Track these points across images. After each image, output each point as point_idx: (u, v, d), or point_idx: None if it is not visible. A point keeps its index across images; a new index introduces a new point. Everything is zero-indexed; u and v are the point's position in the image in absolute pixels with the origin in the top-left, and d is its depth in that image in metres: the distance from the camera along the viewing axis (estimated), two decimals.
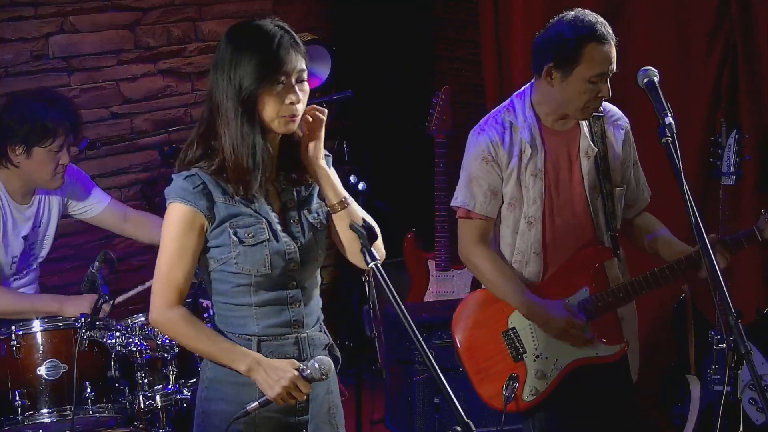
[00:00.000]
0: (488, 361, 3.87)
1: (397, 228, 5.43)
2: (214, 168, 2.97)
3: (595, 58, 3.65)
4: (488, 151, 3.79)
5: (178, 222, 2.98)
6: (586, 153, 3.81)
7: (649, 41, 5.08)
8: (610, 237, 3.87)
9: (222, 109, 2.94)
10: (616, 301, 3.84)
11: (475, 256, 3.85)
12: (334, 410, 3.19)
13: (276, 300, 3.04)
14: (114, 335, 3.97)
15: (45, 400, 3.92)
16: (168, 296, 3.01)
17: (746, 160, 4.56)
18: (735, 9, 4.89)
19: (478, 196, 3.82)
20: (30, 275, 4.41)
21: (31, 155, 4.15)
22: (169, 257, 3.00)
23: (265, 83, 2.91)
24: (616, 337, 3.89)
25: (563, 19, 3.71)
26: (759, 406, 4.51)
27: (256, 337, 3.03)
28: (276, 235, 3.01)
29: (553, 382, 3.85)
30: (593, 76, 3.66)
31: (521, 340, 3.86)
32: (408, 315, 2.82)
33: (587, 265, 3.85)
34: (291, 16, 5.98)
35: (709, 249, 3.11)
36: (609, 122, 3.87)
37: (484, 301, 3.94)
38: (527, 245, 3.83)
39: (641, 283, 3.80)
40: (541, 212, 3.81)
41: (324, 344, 3.15)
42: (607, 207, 3.84)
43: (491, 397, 3.85)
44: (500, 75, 5.72)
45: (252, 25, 2.98)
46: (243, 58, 2.91)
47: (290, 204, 3.07)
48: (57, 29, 5.30)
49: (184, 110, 5.73)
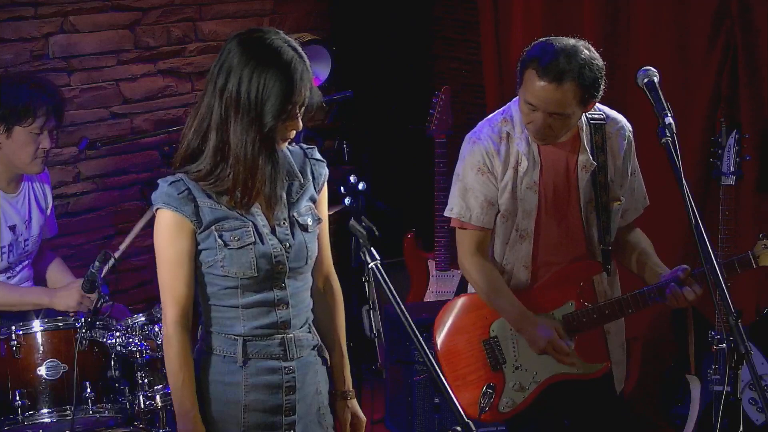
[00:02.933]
0: (467, 368, 3.83)
1: (397, 228, 5.44)
2: (201, 174, 2.97)
3: (527, 85, 3.58)
4: (483, 162, 3.74)
5: (167, 229, 2.99)
6: (584, 167, 3.74)
7: (649, 41, 5.08)
8: (602, 251, 3.81)
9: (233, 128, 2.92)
10: (602, 317, 3.76)
11: (471, 266, 3.80)
12: (324, 411, 3.19)
13: (263, 302, 3.05)
14: (114, 335, 3.97)
15: (45, 400, 3.92)
16: (173, 312, 3.02)
17: (746, 160, 4.56)
18: (735, 9, 4.88)
19: (474, 208, 3.77)
20: (23, 272, 4.40)
21: (11, 135, 4.18)
22: (167, 266, 3.01)
23: (281, 116, 2.92)
24: (599, 356, 3.82)
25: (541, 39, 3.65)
26: (759, 406, 4.51)
27: (242, 338, 3.05)
28: (262, 237, 3.02)
29: (530, 395, 3.80)
30: (526, 101, 3.60)
31: (501, 350, 3.82)
32: (408, 315, 2.82)
33: (575, 278, 3.80)
34: (291, 16, 5.99)
35: (709, 249, 3.10)
36: (611, 132, 3.78)
37: (467, 307, 3.90)
38: (517, 258, 3.79)
39: (628, 302, 3.72)
40: (533, 225, 3.76)
41: (312, 345, 3.15)
42: (602, 221, 3.77)
43: (468, 405, 3.78)
44: (500, 75, 5.72)
45: (272, 48, 2.93)
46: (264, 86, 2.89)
47: (280, 206, 3.06)
48: (57, 29, 5.29)
49: (184, 110, 5.73)
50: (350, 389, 3.24)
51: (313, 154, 3.16)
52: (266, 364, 3.07)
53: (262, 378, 3.07)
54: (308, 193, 3.12)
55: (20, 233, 4.34)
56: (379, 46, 6.23)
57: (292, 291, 3.08)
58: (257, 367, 3.06)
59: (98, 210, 5.51)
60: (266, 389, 3.08)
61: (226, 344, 3.06)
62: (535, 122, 3.62)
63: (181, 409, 3.03)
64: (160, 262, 3.02)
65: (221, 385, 3.07)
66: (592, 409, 3.88)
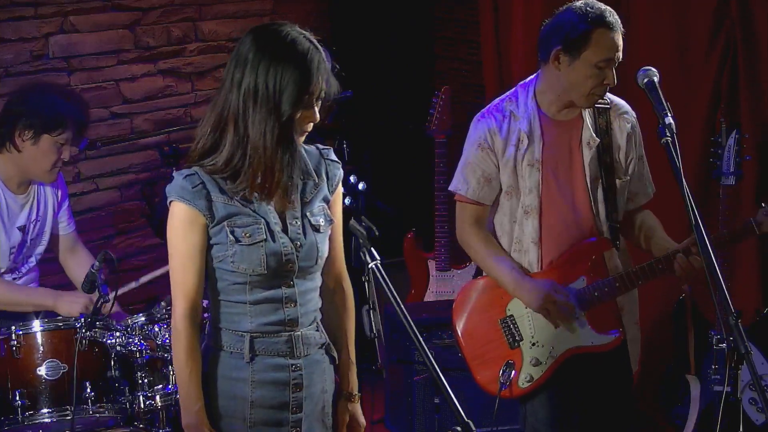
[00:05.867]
0: (485, 346, 3.92)
1: (397, 228, 5.44)
2: (217, 166, 2.98)
3: (602, 43, 3.69)
4: (485, 138, 3.85)
5: (180, 222, 3.00)
6: (588, 143, 3.84)
7: (649, 41, 5.08)
8: (610, 228, 3.89)
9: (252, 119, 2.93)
10: (613, 290, 3.84)
11: (468, 235, 3.91)
12: (327, 410, 3.20)
13: (271, 299, 3.06)
14: (114, 335, 3.98)
15: (45, 400, 3.92)
16: (182, 306, 3.03)
17: (746, 160, 4.56)
18: (735, 9, 4.89)
19: (471, 182, 3.87)
20: (30, 274, 4.41)
21: (38, 142, 4.21)
22: (179, 260, 3.02)
23: (299, 106, 2.94)
24: (612, 327, 3.90)
25: (572, 6, 3.75)
26: (759, 406, 4.51)
27: (249, 334, 3.05)
28: (273, 235, 3.03)
29: (548, 369, 3.88)
30: (600, 61, 3.69)
31: (518, 327, 3.90)
32: (408, 315, 2.82)
33: (586, 255, 3.87)
34: (291, 16, 5.98)
35: (709, 249, 3.11)
36: (615, 115, 3.89)
37: (483, 288, 3.99)
38: (525, 234, 3.87)
39: (638, 273, 3.82)
40: (538, 202, 3.84)
41: (320, 344, 3.16)
42: (609, 198, 3.86)
43: (488, 382, 3.90)
44: (500, 75, 5.73)
45: (289, 40, 2.95)
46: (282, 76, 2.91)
47: (293, 204, 3.08)
48: (57, 29, 5.30)
49: (184, 110, 5.73)
50: (354, 392, 3.24)
51: (329, 155, 3.18)
52: (273, 361, 3.08)
53: (269, 374, 3.07)
54: (322, 193, 3.13)
55: (28, 234, 4.35)
56: (379, 46, 6.23)
57: (300, 289, 3.08)
58: (264, 363, 3.07)
59: (98, 210, 5.52)
60: (273, 386, 3.08)
61: (233, 340, 3.07)
62: (609, 77, 3.72)
63: (187, 403, 3.04)
64: (172, 255, 3.03)
65: (228, 380, 3.08)
66: (608, 383, 3.95)
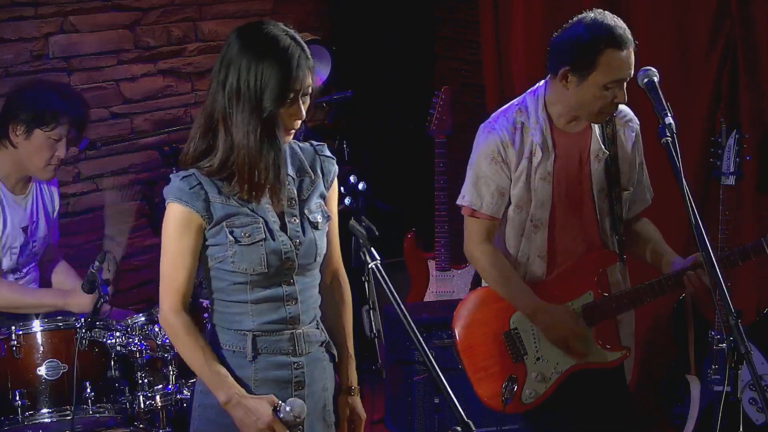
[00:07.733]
0: (487, 360, 3.85)
1: (397, 228, 5.44)
2: (213, 168, 2.99)
3: (612, 64, 3.59)
4: (498, 151, 3.75)
5: (175, 223, 3.01)
6: (597, 156, 3.77)
7: (649, 41, 5.08)
8: (616, 241, 3.84)
9: (236, 119, 2.94)
10: (620, 306, 3.80)
11: (480, 253, 3.82)
12: (328, 408, 3.20)
13: (272, 297, 3.06)
14: (114, 335, 3.97)
15: (45, 400, 3.92)
16: (171, 300, 3.04)
17: (746, 160, 4.56)
18: (735, 8, 4.89)
19: (485, 196, 3.78)
20: (31, 274, 4.41)
21: (30, 137, 4.20)
22: (170, 258, 3.03)
23: (281, 103, 2.94)
24: (615, 342, 3.86)
25: (582, 21, 3.66)
26: (759, 406, 4.51)
27: (251, 333, 3.06)
28: (272, 234, 3.03)
29: (552, 385, 3.83)
30: (609, 83, 3.60)
31: (523, 341, 3.84)
32: (408, 315, 2.82)
33: (593, 269, 3.82)
34: (291, 16, 5.99)
35: (709, 249, 3.10)
36: (620, 124, 3.83)
37: (485, 300, 3.91)
38: (532, 248, 3.81)
39: (647, 290, 3.75)
40: (548, 216, 3.78)
41: (320, 341, 3.16)
42: (615, 210, 3.81)
43: (490, 397, 3.83)
44: (500, 75, 5.73)
45: (270, 37, 2.96)
46: (262, 74, 2.91)
47: (291, 202, 3.08)
48: (57, 29, 5.30)
49: (184, 110, 5.73)
50: (354, 386, 3.24)
51: (323, 151, 3.18)
52: (276, 360, 3.08)
53: (271, 373, 3.08)
54: (318, 190, 3.13)
55: (30, 234, 4.35)
56: (379, 46, 6.23)
57: (300, 287, 3.09)
58: (267, 362, 3.07)
59: (98, 210, 5.51)
60: (276, 384, 3.08)
61: (235, 339, 3.07)
62: (619, 96, 3.64)
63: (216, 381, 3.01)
64: (164, 252, 3.04)
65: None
66: (606, 398, 3.90)
